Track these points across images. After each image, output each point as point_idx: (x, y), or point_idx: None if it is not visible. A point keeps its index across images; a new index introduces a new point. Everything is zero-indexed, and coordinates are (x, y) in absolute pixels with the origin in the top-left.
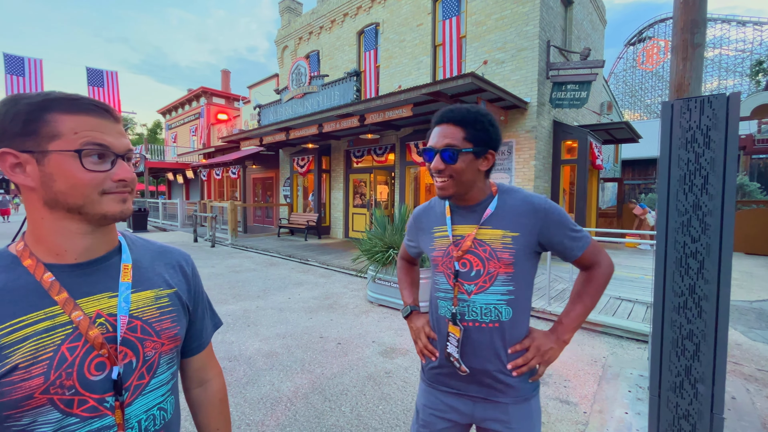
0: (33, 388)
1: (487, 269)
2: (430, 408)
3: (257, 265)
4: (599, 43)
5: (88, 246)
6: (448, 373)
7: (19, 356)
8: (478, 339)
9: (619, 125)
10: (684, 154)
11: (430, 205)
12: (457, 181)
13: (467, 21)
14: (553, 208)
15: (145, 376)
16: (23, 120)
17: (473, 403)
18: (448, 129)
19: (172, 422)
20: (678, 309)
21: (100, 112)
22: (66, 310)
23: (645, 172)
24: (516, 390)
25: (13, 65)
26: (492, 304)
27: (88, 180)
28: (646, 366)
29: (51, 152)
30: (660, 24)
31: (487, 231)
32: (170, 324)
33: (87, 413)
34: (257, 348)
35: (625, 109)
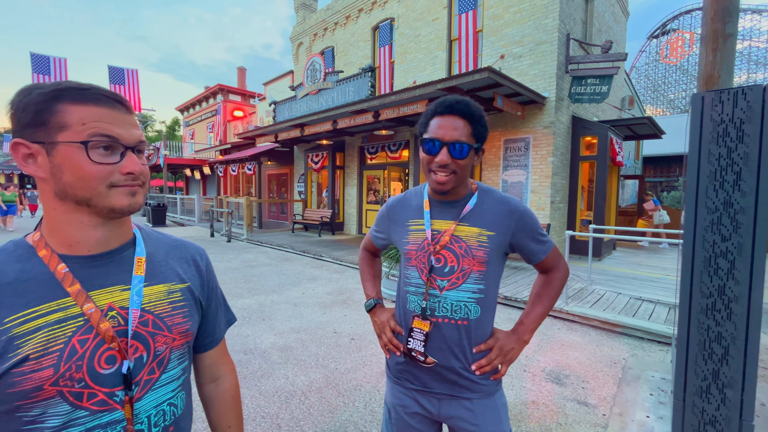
0: (43, 380)
1: (461, 266)
2: (400, 405)
3: (272, 260)
4: (621, 36)
5: (101, 238)
6: (412, 370)
7: (30, 347)
8: (446, 335)
9: (642, 121)
10: (715, 148)
11: (405, 197)
12: (459, 176)
13: (484, 15)
14: (527, 212)
15: (155, 371)
16: (34, 110)
17: (438, 401)
18: (457, 122)
19: (182, 418)
20: (706, 311)
21: (110, 103)
22: (78, 302)
23: (667, 169)
24: (479, 386)
25: (39, 64)
26: (463, 301)
27: (94, 172)
28: (668, 369)
29: (59, 143)
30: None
31: (465, 228)
32: (182, 319)
33: (96, 407)
34: (272, 342)
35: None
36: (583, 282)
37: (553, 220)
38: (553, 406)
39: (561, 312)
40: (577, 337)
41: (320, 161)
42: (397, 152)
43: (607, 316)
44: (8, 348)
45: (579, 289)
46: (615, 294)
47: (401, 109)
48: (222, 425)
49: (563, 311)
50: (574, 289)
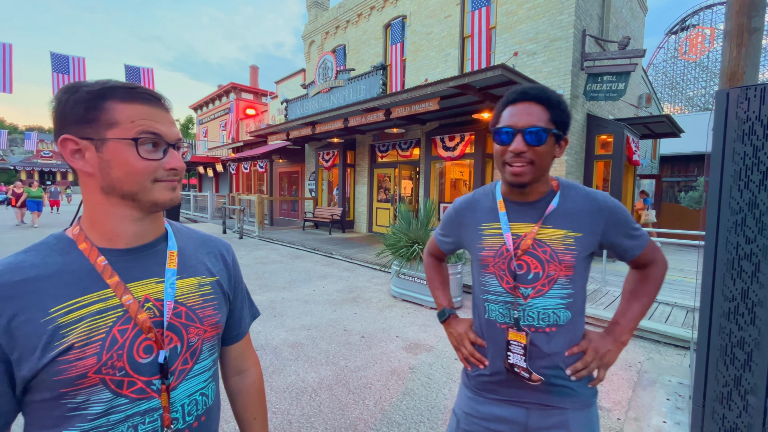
0: (87, 368)
1: (547, 272)
2: (475, 417)
3: (283, 257)
4: (639, 32)
5: (138, 232)
6: (498, 381)
7: (75, 336)
8: (535, 344)
9: (659, 119)
10: (740, 147)
11: (474, 198)
12: (538, 167)
13: (497, 11)
14: (618, 207)
15: (188, 362)
16: (84, 107)
17: (527, 411)
18: (532, 107)
19: (212, 408)
20: (728, 315)
21: (154, 102)
22: (117, 294)
23: (685, 168)
24: (576, 394)
25: (59, 63)
26: (551, 308)
27: (142, 168)
28: (686, 373)
29: (109, 140)
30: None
31: (549, 230)
32: (212, 311)
33: (135, 395)
34: (283, 338)
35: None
36: (597, 283)
37: None
38: None
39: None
40: None
41: (331, 159)
42: (408, 151)
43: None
44: (54, 337)
45: (593, 291)
46: None
47: (413, 107)
48: (248, 416)
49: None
50: (588, 290)
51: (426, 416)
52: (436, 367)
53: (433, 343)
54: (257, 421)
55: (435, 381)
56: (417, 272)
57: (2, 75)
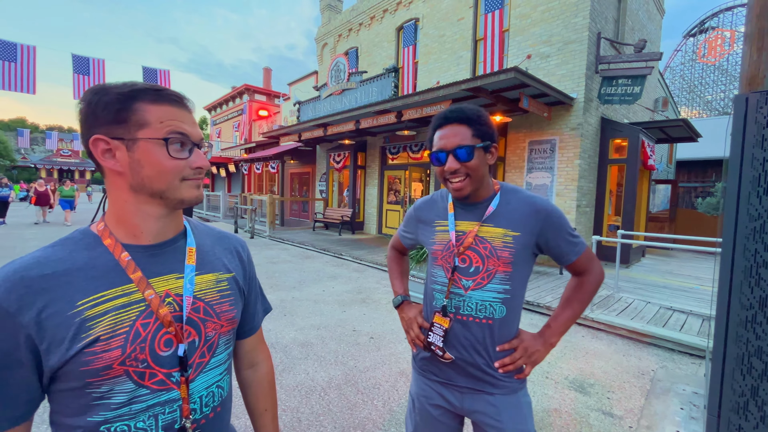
0: (112, 359)
1: (486, 266)
2: (424, 396)
3: (293, 257)
4: (656, 35)
5: (160, 229)
6: (436, 362)
7: (101, 329)
8: (471, 333)
9: (676, 123)
10: (759, 152)
11: (432, 199)
12: (474, 179)
13: (511, 14)
14: (554, 210)
15: (206, 355)
16: (115, 109)
17: (461, 395)
18: (455, 129)
19: (227, 400)
20: (745, 323)
21: (180, 103)
22: (140, 288)
23: (703, 173)
24: (503, 382)
25: (79, 65)
26: (488, 301)
27: (171, 167)
28: (700, 383)
29: (140, 139)
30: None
31: (489, 229)
32: (229, 307)
33: (156, 386)
34: (293, 337)
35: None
36: (610, 289)
37: (579, 224)
38: (576, 415)
39: (586, 319)
40: (602, 345)
41: (342, 161)
42: (418, 153)
43: (635, 325)
44: (81, 329)
45: (605, 297)
46: (644, 303)
47: (424, 109)
48: (259, 408)
49: (588, 318)
50: (600, 296)
51: None
52: None
53: None
54: (268, 412)
55: None
56: (425, 274)
57: (26, 76)
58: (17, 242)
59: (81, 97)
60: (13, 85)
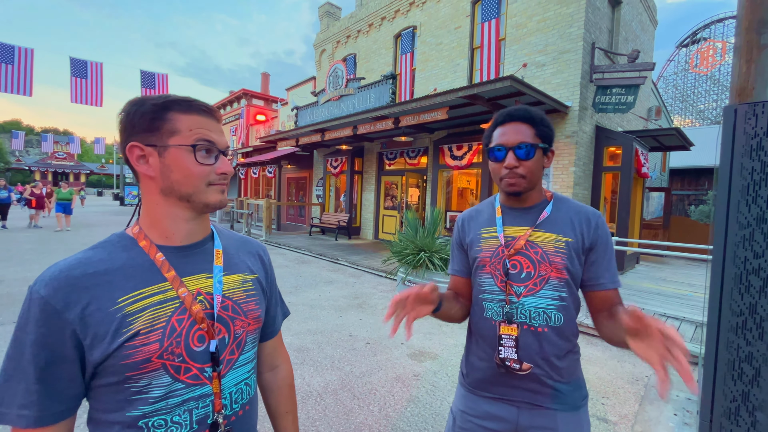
0: (151, 353)
1: (538, 272)
2: (469, 415)
3: (289, 262)
4: (649, 45)
5: (190, 231)
6: (491, 378)
7: (140, 323)
8: (527, 342)
9: (669, 132)
10: (748, 162)
11: (476, 209)
12: (529, 177)
13: (507, 23)
14: (605, 226)
15: (235, 352)
16: (150, 118)
17: (518, 410)
18: (519, 127)
19: (254, 400)
20: (736, 329)
21: (208, 113)
22: (174, 287)
23: (696, 182)
24: (564, 396)
25: (77, 68)
26: (542, 308)
27: (198, 172)
28: None
29: (171, 146)
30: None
31: (541, 234)
32: (255, 306)
33: (191, 380)
34: (289, 342)
35: (675, 114)
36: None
37: None
38: None
39: (580, 325)
40: (596, 351)
41: (339, 166)
42: (415, 159)
43: None
44: (123, 324)
45: None
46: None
47: (421, 116)
48: (281, 410)
49: (583, 324)
50: None
51: (430, 423)
52: (440, 375)
53: (438, 351)
54: (290, 414)
55: (439, 389)
56: (423, 280)
57: (23, 78)
58: (11, 245)
59: (122, 108)
60: (10, 87)
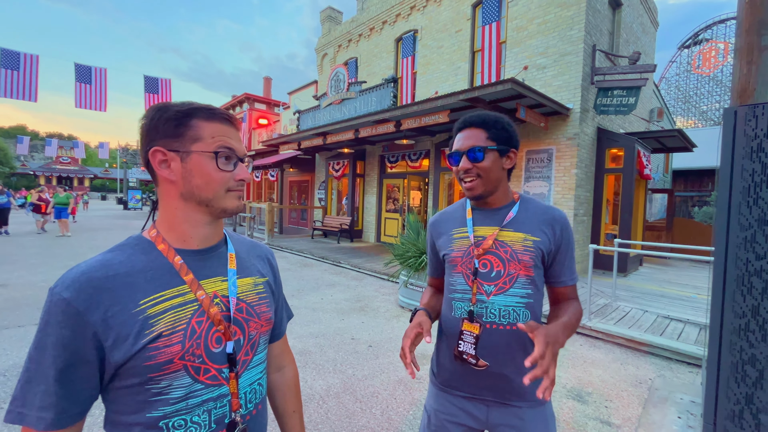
0: (174, 354)
1: (508, 270)
2: (443, 413)
3: (292, 265)
4: (650, 47)
5: (207, 235)
6: (461, 377)
7: (163, 325)
8: (496, 342)
9: (671, 133)
10: (749, 164)
11: (446, 211)
12: (485, 179)
13: (507, 26)
14: (569, 227)
15: (249, 353)
16: (174, 124)
17: (487, 408)
18: (471, 132)
19: (265, 399)
20: (739, 331)
21: (229, 122)
22: (192, 289)
23: (699, 183)
24: (530, 394)
25: (82, 74)
26: (511, 306)
27: (219, 178)
28: (698, 392)
29: (193, 152)
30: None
31: (509, 233)
32: (266, 308)
33: (210, 381)
34: (291, 345)
35: (678, 116)
36: (608, 298)
37: (576, 233)
38: (575, 424)
39: (584, 328)
40: (600, 354)
41: (341, 169)
42: (417, 161)
43: (633, 334)
44: (145, 326)
45: (603, 305)
46: (641, 311)
47: (423, 119)
48: (288, 410)
49: (586, 327)
50: (598, 305)
51: None
52: None
53: None
54: (296, 414)
55: None
56: (425, 283)
57: (28, 84)
58: (16, 249)
59: (144, 114)
60: (15, 93)
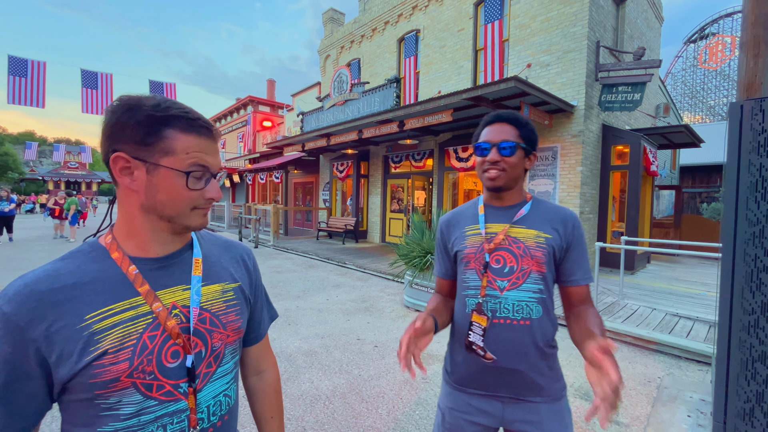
0: (120, 372)
1: (521, 266)
2: (457, 411)
3: (297, 266)
4: (655, 42)
5: (168, 243)
6: (475, 374)
7: (109, 342)
8: (509, 337)
9: (678, 129)
10: (756, 158)
11: (459, 210)
12: (509, 174)
13: (510, 24)
14: (581, 226)
15: (212, 365)
16: (144, 131)
17: (503, 405)
18: (504, 127)
19: (234, 408)
20: (748, 328)
21: (208, 134)
22: (147, 301)
23: (707, 179)
24: (546, 390)
25: (88, 79)
26: (524, 301)
27: (186, 197)
28: (708, 390)
29: (162, 167)
30: (726, 19)
31: (521, 230)
32: (235, 317)
33: (164, 397)
34: (297, 346)
35: (685, 111)
36: (615, 296)
37: None
38: (583, 423)
39: None
40: None
41: (345, 170)
42: (421, 161)
43: (641, 332)
44: (90, 342)
45: (610, 303)
46: (649, 309)
47: (426, 119)
48: (266, 415)
49: None
50: (605, 303)
51: None
52: None
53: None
54: (275, 419)
55: None
56: (430, 282)
57: (36, 90)
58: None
59: (111, 107)
60: (23, 99)
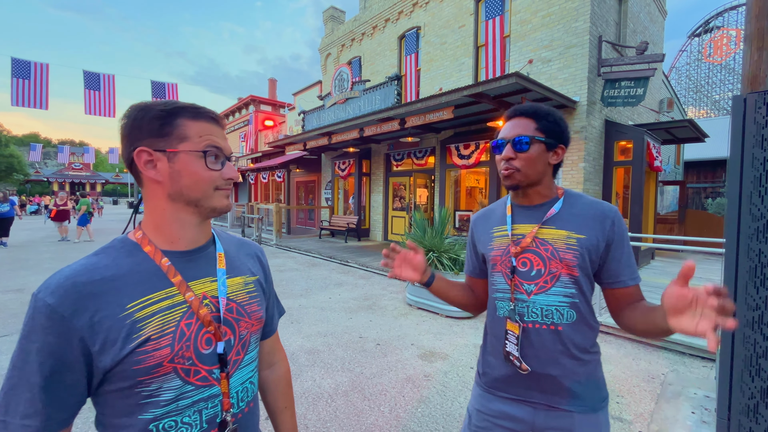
0: (163, 357)
1: (549, 269)
2: (485, 414)
3: (300, 265)
4: (658, 36)
5: (195, 235)
6: (507, 378)
7: (151, 329)
8: (538, 342)
9: (682, 123)
10: (759, 152)
11: (489, 209)
12: (525, 171)
13: (511, 20)
14: (622, 222)
15: (240, 353)
16: (159, 124)
17: (534, 411)
18: (519, 121)
19: (257, 396)
20: (752, 324)
21: (215, 120)
22: (181, 291)
23: (712, 174)
24: (582, 399)
25: (91, 80)
26: (553, 305)
27: (208, 177)
28: (712, 386)
29: (181, 152)
30: (731, 12)
31: (550, 230)
32: (257, 307)
33: (200, 382)
34: (300, 344)
35: (689, 105)
36: None
37: None
38: None
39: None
40: (611, 349)
41: (347, 168)
42: (423, 159)
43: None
44: (133, 330)
45: None
46: None
47: (427, 116)
48: (279, 406)
49: (602, 324)
50: None
51: (441, 424)
52: (451, 376)
53: (448, 352)
54: (288, 410)
55: (450, 389)
56: None
57: (39, 92)
58: (32, 255)
59: (124, 113)
60: (27, 101)
